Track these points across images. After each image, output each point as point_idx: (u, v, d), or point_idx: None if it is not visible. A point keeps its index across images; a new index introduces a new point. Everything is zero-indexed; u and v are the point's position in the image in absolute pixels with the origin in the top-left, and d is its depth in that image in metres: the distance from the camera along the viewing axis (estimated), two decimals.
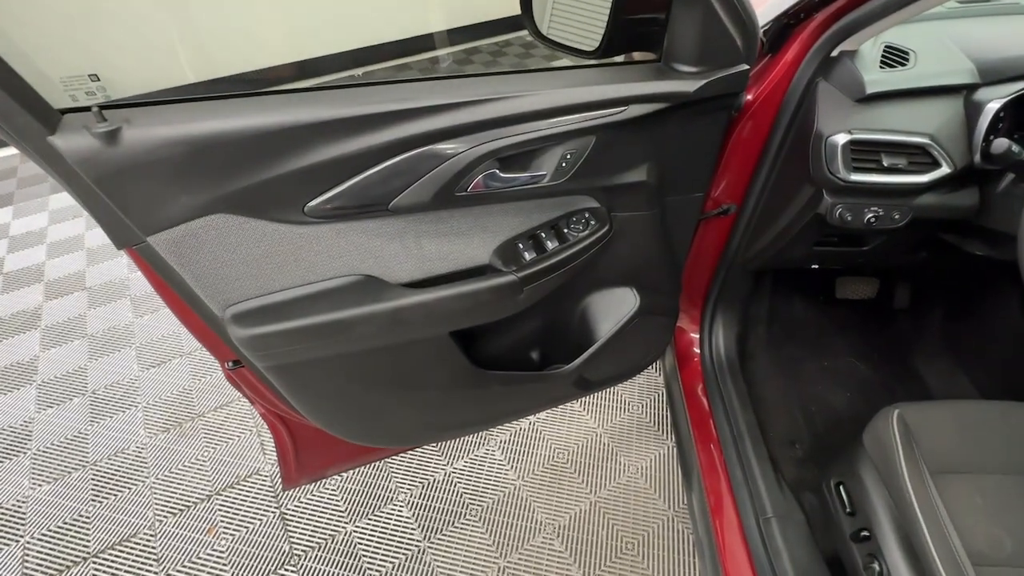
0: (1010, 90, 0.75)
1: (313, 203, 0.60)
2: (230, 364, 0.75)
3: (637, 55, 0.80)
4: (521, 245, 0.76)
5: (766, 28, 0.80)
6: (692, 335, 1.22)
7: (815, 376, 1.32)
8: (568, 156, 0.70)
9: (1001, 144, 0.75)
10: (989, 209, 0.80)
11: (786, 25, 0.79)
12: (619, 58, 0.81)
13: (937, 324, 1.34)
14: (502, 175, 0.67)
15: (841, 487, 0.87)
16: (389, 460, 1.47)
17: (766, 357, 1.30)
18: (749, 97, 0.83)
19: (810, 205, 0.87)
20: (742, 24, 0.67)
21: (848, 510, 0.84)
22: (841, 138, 0.77)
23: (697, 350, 1.21)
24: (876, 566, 0.76)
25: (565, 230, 0.77)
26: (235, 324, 0.64)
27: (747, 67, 0.71)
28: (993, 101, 0.76)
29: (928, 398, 1.26)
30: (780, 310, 1.38)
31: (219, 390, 1.70)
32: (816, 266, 1.15)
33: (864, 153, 0.77)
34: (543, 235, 0.77)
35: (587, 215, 0.79)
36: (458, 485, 1.41)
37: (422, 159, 0.62)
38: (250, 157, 0.56)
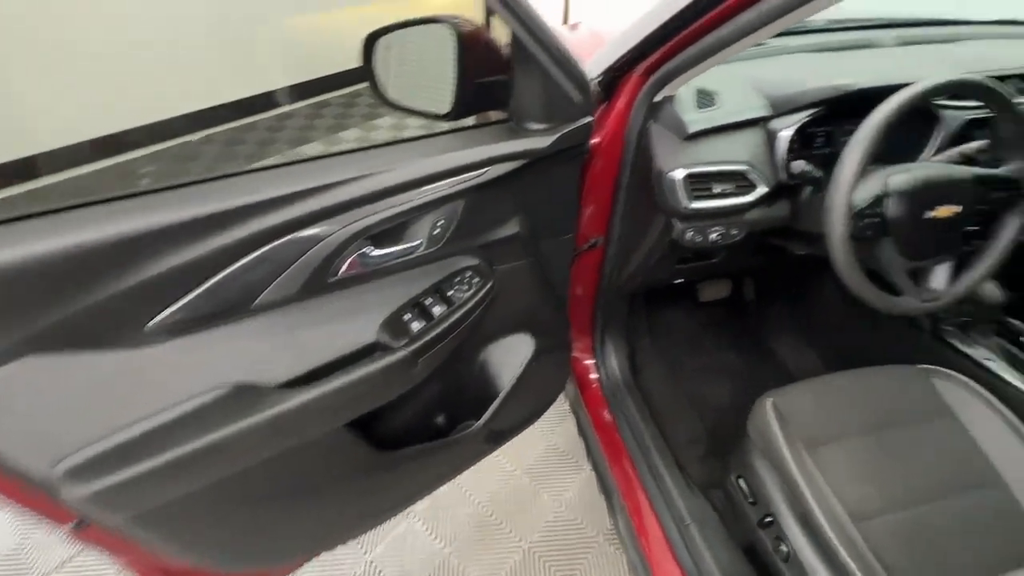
0: (796, 119, 0.91)
1: (156, 320, 0.52)
2: (73, 525, 0.61)
3: (491, 114, 0.83)
4: (407, 316, 0.73)
5: (599, 79, 0.88)
6: (587, 362, 1.27)
7: (698, 375, 1.45)
8: (440, 223, 0.69)
9: (798, 165, 0.90)
10: (799, 216, 0.96)
11: (613, 77, 0.88)
12: (473, 119, 0.83)
13: (780, 311, 1.56)
14: (375, 252, 0.64)
15: (741, 480, 0.94)
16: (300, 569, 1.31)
17: (654, 368, 1.40)
18: (596, 140, 0.90)
19: (665, 231, 0.96)
20: (576, 82, 0.73)
21: (750, 500, 0.91)
22: (679, 174, 0.87)
23: (594, 376, 1.26)
24: (783, 547, 0.84)
25: (450, 292, 0.76)
26: (72, 482, 0.52)
27: (590, 119, 0.77)
28: (784, 130, 0.91)
29: (787, 375, 1.45)
30: (657, 323, 1.51)
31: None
32: (681, 280, 1.27)
33: (699, 183, 0.88)
34: (428, 302, 0.75)
35: (469, 273, 0.78)
36: (383, 573, 1.29)
37: (283, 250, 0.58)
38: (64, 283, 0.47)
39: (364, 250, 0.63)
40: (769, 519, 0.87)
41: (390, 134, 3.51)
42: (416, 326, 0.72)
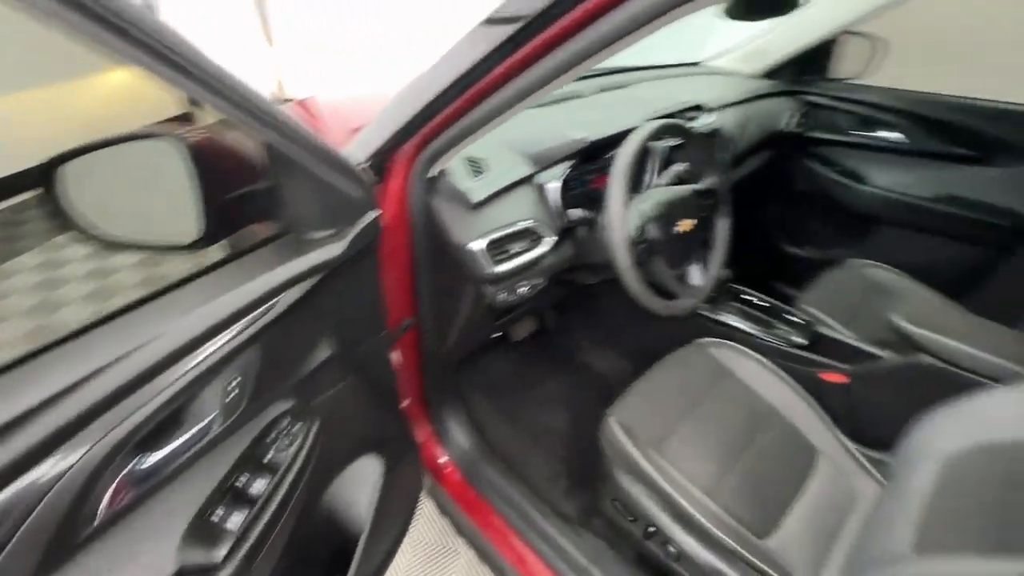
0: (557, 172, 1.01)
1: None
2: None
3: (255, 230, 0.70)
4: (219, 513, 0.55)
5: (369, 163, 0.82)
6: (435, 448, 1.18)
7: (534, 412, 1.49)
8: (235, 383, 0.54)
9: (574, 213, 1.01)
10: (582, 253, 1.07)
11: (382, 159, 0.84)
12: (226, 243, 0.68)
13: (582, 330, 1.73)
14: (151, 459, 0.46)
15: (615, 502, 0.98)
16: None
17: (495, 422, 1.39)
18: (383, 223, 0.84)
19: (478, 298, 0.96)
20: (348, 176, 0.66)
21: (630, 519, 0.96)
22: (477, 244, 0.88)
23: (444, 459, 1.18)
24: (671, 548, 0.89)
25: (268, 457, 0.60)
26: None
27: (378, 211, 0.71)
28: (551, 183, 1.00)
29: (606, 384, 1.59)
30: (485, 376, 1.50)
31: None
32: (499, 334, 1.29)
33: (497, 247, 0.90)
34: (243, 480, 0.58)
35: (286, 422, 0.63)
36: None
37: None
38: None
39: (132, 464, 0.44)
40: (652, 529, 0.92)
41: (88, 249, 2.78)
42: (235, 521, 0.54)
